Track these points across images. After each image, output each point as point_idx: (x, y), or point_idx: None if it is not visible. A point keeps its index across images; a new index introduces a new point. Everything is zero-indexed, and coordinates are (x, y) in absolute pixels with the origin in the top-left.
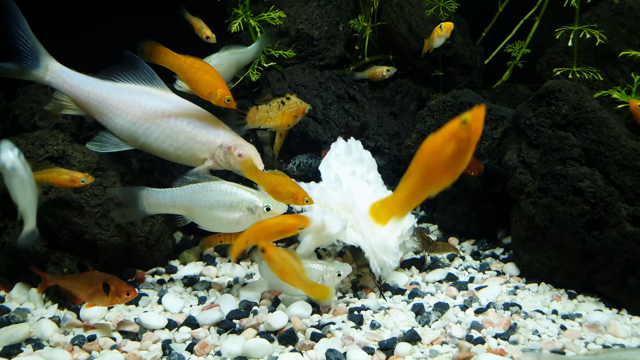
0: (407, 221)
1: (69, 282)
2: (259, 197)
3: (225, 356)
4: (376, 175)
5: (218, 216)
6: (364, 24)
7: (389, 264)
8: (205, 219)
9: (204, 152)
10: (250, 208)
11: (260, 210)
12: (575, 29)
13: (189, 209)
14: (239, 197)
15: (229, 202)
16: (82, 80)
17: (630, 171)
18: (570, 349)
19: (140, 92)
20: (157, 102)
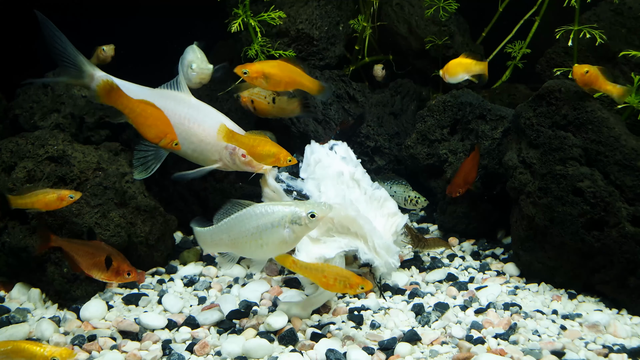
0: (400, 219)
1: (73, 247)
2: (299, 206)
3: (225, 356)
4: (362, 171)
5: (264, 242)
6: (364, 24)
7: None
8: (253, 250)
9: (214, 153)
10: (294, 221)
11: (306, 220)
12: (575, 29)
13: (232, 243)
14: (278, 214)
15: (270, 222)
16: (123, 86)
17: (630, 171)
18: (570, 349)
19: (167, 97)
20: (179, 106)
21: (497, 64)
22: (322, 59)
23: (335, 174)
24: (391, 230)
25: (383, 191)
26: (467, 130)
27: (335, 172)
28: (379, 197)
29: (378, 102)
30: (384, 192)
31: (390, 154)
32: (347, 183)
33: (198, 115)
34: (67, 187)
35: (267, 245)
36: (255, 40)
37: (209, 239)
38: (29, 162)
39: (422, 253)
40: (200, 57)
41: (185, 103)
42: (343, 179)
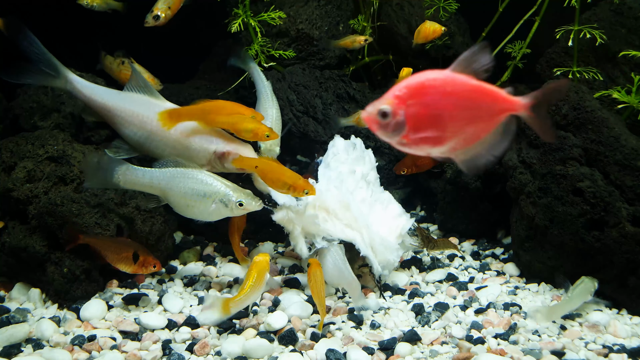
0: (406, 221)
1: (101, 243)
2: (234, 191)
3: (225, 356)
4: (375, 175)
5: (191, 204)
6: (364, 24)
7: (392, 260)
8: (179, 205)
9: (200, 158)
10: (223, 201)
11: (233, 205)
12: (575, 29)
13: (165, 192)
14: (213, 189)
15: (203, 192)
16: (93, 90)
17: (630, 171)
18: (570, 349)
19: (139, 103)
20: (152, 112)
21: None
22: (322, 59)
23: (348, 171)
24: (396, 232)
25: (387, 194)
26: None
27: (348, 169)
28: (383, 200)
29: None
30: (388, 195)
31: (391, 154)
32: (357, 182)
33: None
34: (67, 187)
35: (191, 208)
36: (255, 41)
37: (147, 179)
38: (29, 162)
39: (431, 254)
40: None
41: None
42: (355, 177)
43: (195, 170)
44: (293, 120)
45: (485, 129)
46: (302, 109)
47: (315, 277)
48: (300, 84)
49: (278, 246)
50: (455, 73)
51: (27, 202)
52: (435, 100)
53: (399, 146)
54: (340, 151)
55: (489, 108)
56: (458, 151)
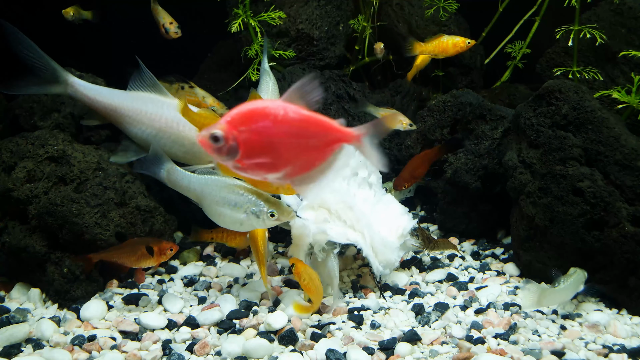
0: (407, 222)
1: (112, 254)
2: (267, 202)
3: (225, 356)
4: (378, 177)
5: (222, 213)
6: (364, 24)
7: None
8: (212, 212)
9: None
10: (255, 212)
11: (265, 215)
12: (575, 29)
13: (200, 198)
14: (245, 199)
15: (234, 201)
16: (97, 91)
17: (630, 171)
18: (570, 349)
19: (146, 101)
20: (161, 110)
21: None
22: (322, 59)
23: (350, 173)
24: (397, 232)
25: (389, 195)
26: (467, 130)
27: (350, 172)
28: (385, 200)
29: (378, 102)
30: (391, 196)
31: (390, 154)
32: (359, 182)
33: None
34: (67, 187)
35: (223, 217)
36: (255, 41)
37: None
38: (29, 162)
39: (432, 254)
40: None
41: (171, 107)
42: (357, 178)
43: (229, 179)
44: None
45: (319, 157)
46: None
47: (307, 274)
48: None
49: (278, 246)
50: (287, 103)
51: (27, 202)
52: (267, 128)
53: (236, 170)
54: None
55: (322, 138)
56: (295, 177)
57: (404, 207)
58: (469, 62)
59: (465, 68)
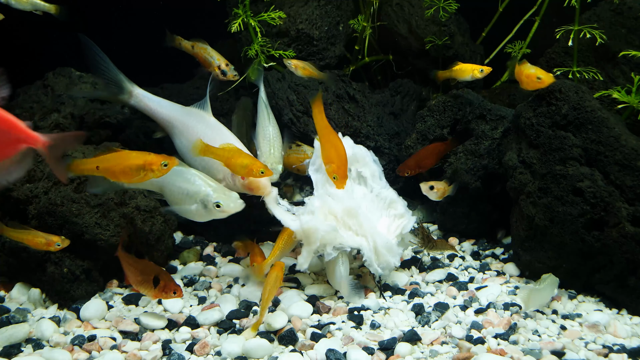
0: (407, 220)
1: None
2: (216, 192)
3: (225, 356)
4: (373, 169)
5: (174, 201)
6: (364, 24)
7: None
8: (173, 203)
9: (219, 172)
10: (203, 202)
11: (211, 206)
12: (575, 29)
13: (162, 189)
14: (196, 188)
15: (186, 191)
16: (159, 103)
17: (630, 171)
18: (570, 349)
19: (191, 114)
20: (199, 124)
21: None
22: (322, 59)
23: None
24: (396, 231)
25: (391, 191)
26: (467, 130)
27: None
28: (385, 197)
29: (378, 102)
30: (392, 192)
31: (391, 154)
32: (352, 180)
33: (212, 133)
34: (67, 187)
35: (175, 204)
36: (255, 40)
37: None
38: None
39: (431, 254)
40: (273, 152)
41: (204, 121)
42: (350, 175)
43: (187, 169)
44: (293, 120)
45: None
46: (302, 109)
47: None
48: (300, 84)
49: None
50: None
51: (27, 202)
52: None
53: None
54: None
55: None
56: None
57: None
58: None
59: None
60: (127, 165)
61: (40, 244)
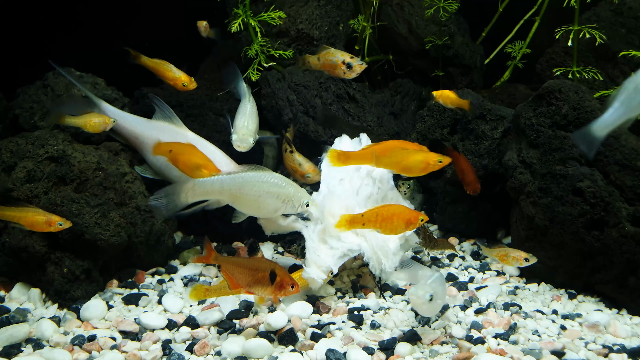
0: None
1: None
2: (301, 192)
3: (225, 356)
4: (382, 172)
5: (264, 204)
6: (364, 24)
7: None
8: (250, 206)
9: None
10: (293, 201)
11: (302, 206)
12: (575, 29)
13: (236, 196)
14: (286, 191)
15: (276, 194)
16: (124, 118)
17: (630, 171)
18: (570, 349)
19: (166, 131)
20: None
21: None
22: None
23: (353, 168)
24: None
25: (396, 192)
26: (467, 130)
27: (354, 167)
28: (391, 198)
29: (378, 102)
30: (397, 193)
31: None
32: (362, 179)
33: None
34: (67, 187)
35: (263, 208)
36: (255, 40)
37: (217, 186)
38: (29, 162)
39: (432, 253)
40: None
41: (183, 137)
42: (359, 174)
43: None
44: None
45: None
46: (302, 109)
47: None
48: (300, 84)
49: (278, 246)
50: None
51: (27, 202)
52: None
53: None
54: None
55: None
56: None
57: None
58: (469, 62)
59: (465, 68)
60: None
61: (40, 222)
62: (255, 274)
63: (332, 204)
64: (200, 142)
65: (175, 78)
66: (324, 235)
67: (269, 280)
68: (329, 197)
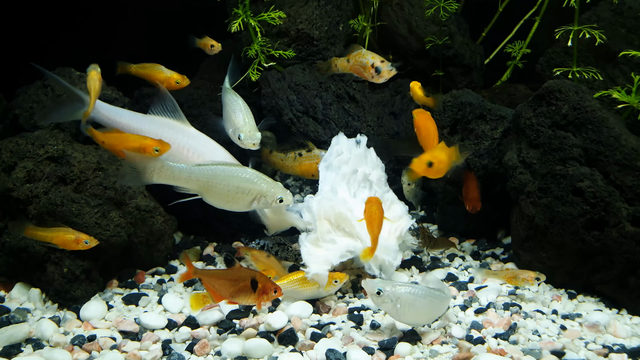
0: (405, 222)
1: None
2: (274, 187)
3: (225, 356)
4: (379, 174)
5: (234, 199)
6: (364, 24)
7: (390, 262)
8: (220, 200)
9: None
10: (266, 197)
11: (275, 202)
12: (575, 29)
13: (204, 187)
14: (258, 188)
15: (248, 189)
16: (118, 113)
17: (630, 171)
18: (570, 349)
19: (166, 126)
20: (179, 136)
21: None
22: (322, 59)
23: (350, 171)
24: (396, 233)
25: (391, 194)
26: (467, 130)
27: (351, 169)
28: (386, 199)
29: (378, 102)
30: (392, 195)
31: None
32: (359, 182)
33: (197, 145)
34: (67, 187)
35: (233, 203)
36: (255, 40)
37: (185, 173)
38: (29, 162)
39: (432, 253)
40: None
41: (184, 133)
42: (356, 177)
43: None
44: (293, 120)
45: None
46: (302, 109)
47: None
48: (300, 84)
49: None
50: None
51: (27, 202)
52: None
53: None
54: (344, 149)
55: None
56: None
57: (405, 206)
58: (469, 62)
59: (465, 68)
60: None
61: (70, 241)
62: (237, 284)
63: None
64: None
65: (168, 78)
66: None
67: (251, 289)
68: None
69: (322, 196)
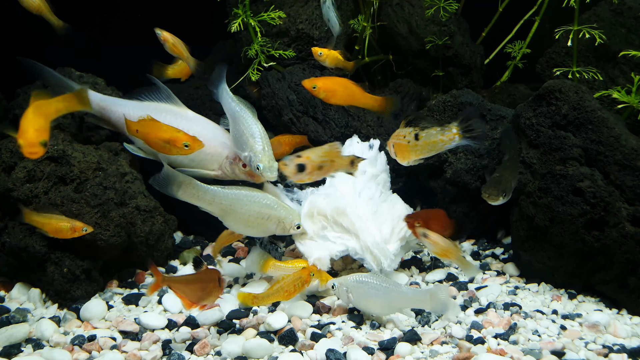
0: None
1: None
2: (292, 214)
3: (225, 356)
4: (386, 178)
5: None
6: (364, 24)
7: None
8: (239, 224)
9: (213, 163)
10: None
11: (293, 228)
12: (575, 29)
13: (226, 211)
14: (278, 214)
15: (268, 215)
16: (114, 102)
17: (630, 171)
18: (570, 349)
19: (160, 111)
20: (173, 119)
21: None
22: None
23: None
24: (400, 234)
25: (395, 195)
26: None
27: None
28: (390, 200)
29: None
30: (396, 196)
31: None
32: (365, 182)
33: (197, 128)
34: (67, 187)
35: (252, 228)
36: (255, 40)
37: (209, 196)
38: (29, 162)
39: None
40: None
41: (182, 117)
42: (364, 177)
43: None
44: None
45: None
46: (302, 109)
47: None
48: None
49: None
50: None
51: (27, 202)
52: None
53: None
54: (356, 151)
55: None
56: None
57: (408, 207)
58: (469, 62)
59: (465, 68)
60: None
61: (64, 229)
62: (205, 286)
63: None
64: (200, 120)
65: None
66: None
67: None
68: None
69: (320, 192)
